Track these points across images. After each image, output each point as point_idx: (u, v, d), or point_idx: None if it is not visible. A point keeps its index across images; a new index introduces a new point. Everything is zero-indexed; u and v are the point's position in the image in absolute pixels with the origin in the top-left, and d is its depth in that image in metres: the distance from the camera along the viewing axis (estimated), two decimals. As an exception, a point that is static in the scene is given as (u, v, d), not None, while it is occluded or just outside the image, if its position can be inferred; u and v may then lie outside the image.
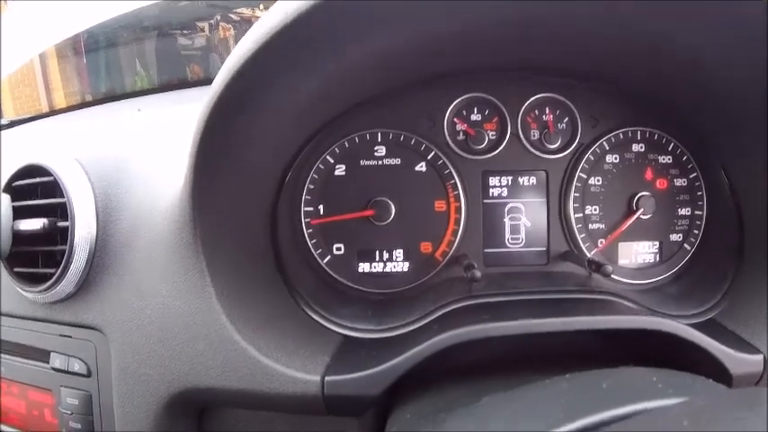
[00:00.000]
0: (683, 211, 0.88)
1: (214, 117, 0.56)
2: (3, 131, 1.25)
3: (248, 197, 0.73)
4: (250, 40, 0.52)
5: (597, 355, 0.72)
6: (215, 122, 0.57)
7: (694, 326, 0.73)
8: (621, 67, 0.79)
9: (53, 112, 1.33)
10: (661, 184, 0.87)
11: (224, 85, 0.54)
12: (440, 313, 0.70)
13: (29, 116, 1.33)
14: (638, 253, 0.87)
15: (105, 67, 1.78)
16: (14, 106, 1.77)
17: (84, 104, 1.39)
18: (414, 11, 0.55)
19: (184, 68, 1.95)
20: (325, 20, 0.50)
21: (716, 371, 0.65)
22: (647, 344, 0.68)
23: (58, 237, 0.74)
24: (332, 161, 0.83)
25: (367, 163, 0.83)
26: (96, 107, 1.33)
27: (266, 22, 0.50)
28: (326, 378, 0.62)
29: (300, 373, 0.63)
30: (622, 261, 0.87)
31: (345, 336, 0.72)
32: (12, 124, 1.32)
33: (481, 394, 0.54)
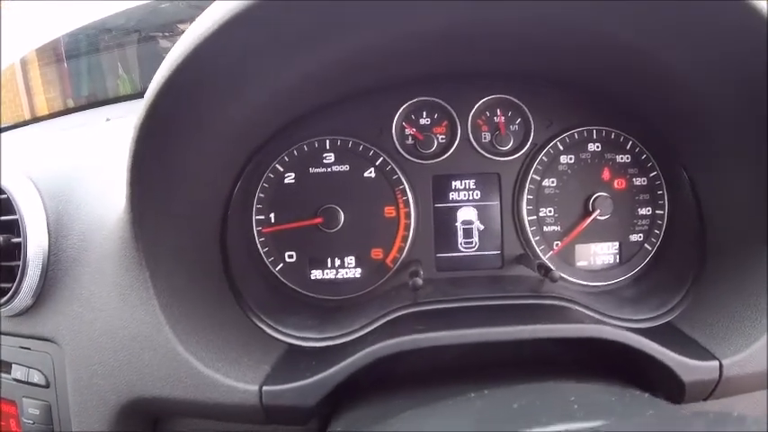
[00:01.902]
0: (644, 211, 0.86)
1: (144, 134, 0.57)
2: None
3: (195, 208, 0.74)
4: (171, 57, 0.52)
5: (548, 360, 0.71)
6: (146, 140, 0.58)
7: (648, 331, 0.72)
8: (576, 68, 0.77)
9: (30, 121, 1.36)
10: (619, 183, 0.85)
11: (150, 103, 0.55)
12: (381, 322, 0.70)
13: (7, 125, 1.36)
14: (597, 254, 0.86)
15: (87, 72, 1.79)
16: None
17: (60, 113, 1.41)
18: (353, 21, 0.55)
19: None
20: (268, 27, 0.50)
21: (668, 378, 0.64)
22: (601, 350, 0.67)
23: (16, 252, 0.76)
24: (281, 169, 0.83)
25: (316, 170, 0.83)
26: (72, 115, 1.35)
27: (186, 38, 0.51)
28: (264, 388, 0.63)
29: (240, 382, 0.64)
30: (580, 263, 0.86)
31: (289, 344, 0.73)
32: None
33: (414, 404, 0.54)
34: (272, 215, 0.83)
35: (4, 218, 0.77)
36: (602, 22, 0.60)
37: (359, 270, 0.84)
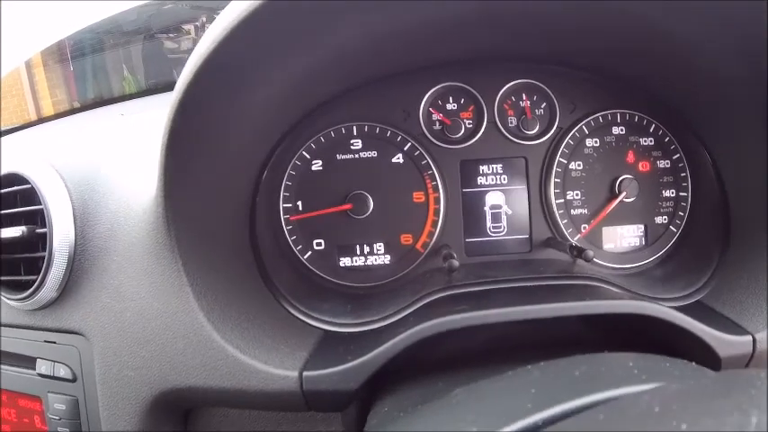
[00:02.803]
0: (668, 193, 0.86)
1: (179, 117, 0.56)
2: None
3: (224, 196, 0.73)
4: (209, 38, 0.51)
5: (583, 341, 0.71)
6: (180, 124, 0.57)
7: (681, 309, 0.72)
8: (599, 51, 0.78)
9: (40, 121, 1.34)
10: (644, 166, 0.86)
11: (186, 85, 0.54)
12: (418, 305, 0.69)
13: (16, 126, 1.34)
14: (623, 237, 0.86)
15: (93, 73, 1.77)
16: (2, 118, 1.77)
17: (71, 111, 1.40)
18: (384, 4, 0.54)
19: (171, 71, 1.95)
20: (290, 15, 0.50)
21: (704, 353, 0.64)
22: (635, 329, 0.67)
23: (39, 244, 0.75)
24: (308, 157, 0.83)
25: (343, 157, 0.83)
26: (83, 113, 1.33)
27: (223, 21, 0.50)
28: (304, 374, 0.62)
29: (279, 369, 0.63)
30: (607, 245, 0.86)
31: (325, 330, 0.72)
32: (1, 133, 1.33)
33: (458, 386, 0.54)
34: (299, 203, 0.83)
35: (27, 208, 0.75)
36: (631, 2, 0.60)
37: (388, 256, 0.84)
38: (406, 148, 0.83)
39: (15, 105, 1.76)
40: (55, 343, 0.77)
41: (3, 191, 0.78)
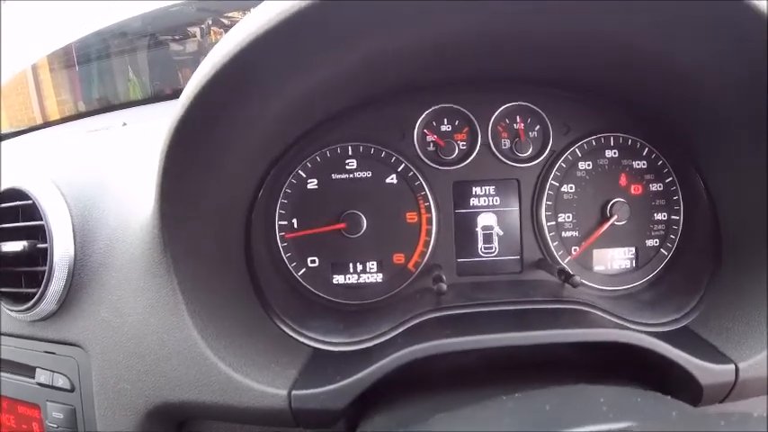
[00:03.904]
0: (660, 216, 0.87)
1: (177, 137, 0.58)
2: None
3: (220, 214, 0.74)
4: (215, 56, 0.53)
5: (571, 362, 0.72)
6: (179, 143, 0.58)
7: (666, 335, 0.73)
8: (594, 76, 0.79)
9: (44, 125, 1.36)
10: (636, 189, 0.87)
11: (187, 106, 0.55)
12: (407, 326, 0.71)
13: (20, 129, 1.36)
14: (614, 259, 0.87)
15: (98, 75, 1.79)
16: (8, 117, 1.80)
17: (75, 116, 1.42)
18: (386, 26, 0.56)
19: (177, 74, 1.97)
20: (294, 35, 0.51)
21: (686, 381, 0.65)
22: (620, 353, 0.68)
23: (40, 258, 0.77)
24: (304, 175, 0.84)
25: (338, 176, 0.84)
26: (87, 119, 1.35)
27: (229, 41, 0.52)
28: (293, 392, 0.64)
29: (269, 387, 0.65)
30: (598, 267, 0.87)
31: (315, 348, 0.74)
32: (1, 138, 1.36)
33: (443, 407, 0.56)
34: (294, 221, 0.84)
35: (29, 223, 0.77)
36: (628, 30, 0.61)
37: (380, 275, 0.85)
38: (399, 169, 0.84)
39: (20, 103, 1.77)
40: (54, 354, 0.79)
41: (4, 205, 0.80)
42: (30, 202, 0.77)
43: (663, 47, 0.62)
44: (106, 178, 0.83)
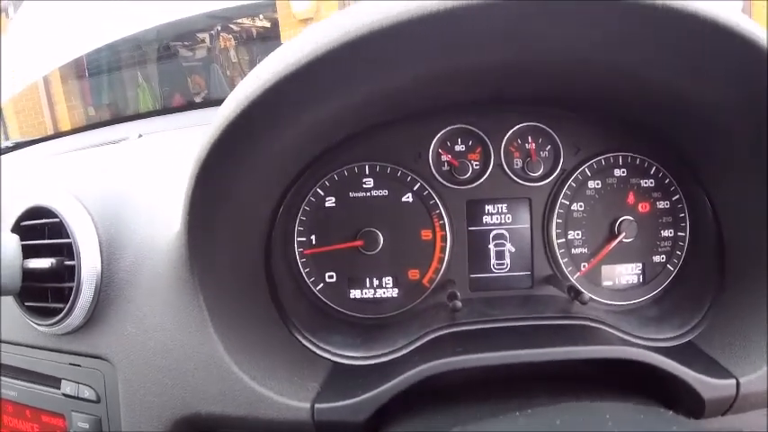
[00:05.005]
0: (666, 233, 0.90)
1: (205, 170, 0.61)
2: (6, 155, 1.30)
3: (243, 233, 0.77)
4: (242, 90, 0.55)
5: (583, 376, 0.75)
6: (206, 175, 0.61)
7: (670, 350, 0.76)
8: (604, 98, 0.81)
9: (57, 135, 1.38)
10: (643, 207, 0.89)
11: (214, 140, 0.58)
12: (424, 341, 0.74)
13: (33, 138, 1.38)
14: (622, 275, 0.90)
15: (108, 81, 1.82)
16: (18, 122, 1.82)
17: (87, 127, 1.44)
18: (404, 58, 0.58)
19: (186, 80, 2.00)
20: (318, 70, 0.53)
21: (689, 395, 0.69)
22: (627, 367, 0.71)
23: (66, 274, 0.79)
24: (322, 193, 0.87)
25: (356, 195, 0.87)
26: (99, 130, 1.37)
27: (263, 73, 0.54)
28: (316, 405, 0.67)
29: (293, 400, 0.68)
30: (606, 283, 0.90)
31: (335, 363, 0.77)
32: (17, 146, 1.38)
33: (458, 419, 0.59)
34: (312, 237, 0.87)
35: (56, 241, 0.80)
36: (637, 61, 0.64)
37: (396, 290, 0.88)
38: (415, 188, 0.87)
39: (31, 108, 1.79)
40: (80, 366, 0.82)
41: (31, 222, 0.82)
42: (56, 220, 0.80)
43: (668, 76, 0.65)
44: (128, 193, 0.85)
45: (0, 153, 1.36)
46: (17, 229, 0.82)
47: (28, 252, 0.78)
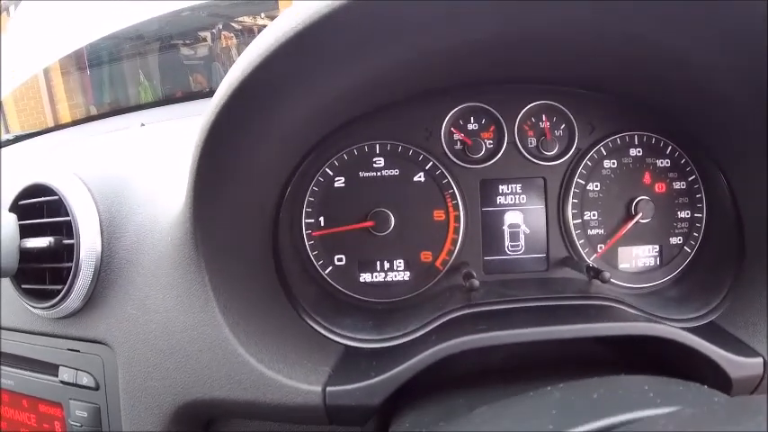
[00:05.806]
0: (683, 214, 0.88)
1: (212, 137, 0.58)
2: (6, 147, 1.28)
3: (249, 212, 0.74)
4: (246, 59, 0.53)
5: (601, 358, 0.73)
6: (213, 143, 0.58)
7: (694, 330, 0.73)
8: (617, 75, 0.79)
9: (58, 127, 1.35)
10: (660, 187, 0.87)
11: (221, 106, 0.55)
12: (439, 323, 0.71)
13: (34, 131, 1.35)
14: (639, 257, 0.88)
15: (109, 79, 1.80)
16: (20, 121, 1.80)
17: (88, 119, 1.41)
18: (413, 30, 0.56)
19: (187, 78, 1.97)
20: (321, 39, 0.51)
21: (715, 375, 0.66)
22: (648, 348, 0.68)
23: (65, 254, 0.76)
24: (331, 173, 0.84)
25: (366, 174, 0.84)
26: (100, 121, 1.35)
27: (262, 42, 0.52)
28: (328, 389, 0.63)
29: (302, 383, 0.64)
30: (623, 265, 0.87)
31: (346, 346, 0.73)
32: (17, 139, 1.35)
33: (478, 403, 0.55)
34: (321, 219, 0.84)
35: (55, 219, 0.77)
36: (658, 34, 0.62)
37: (408, 273, 0.85)
38: (427, 167, 0.84)
39: (32, 108, 1.77)
40: (78, 351, 0.78)
41: (29, 201, 0.79)
42: (56, 197, 0.77)
43: (682, 45, 0.63)
44: (130, 174, 0.82)
45: (0, 146, 1.33)
46: (15, 208, 0.79)
47: (26, 232, 0.75)
